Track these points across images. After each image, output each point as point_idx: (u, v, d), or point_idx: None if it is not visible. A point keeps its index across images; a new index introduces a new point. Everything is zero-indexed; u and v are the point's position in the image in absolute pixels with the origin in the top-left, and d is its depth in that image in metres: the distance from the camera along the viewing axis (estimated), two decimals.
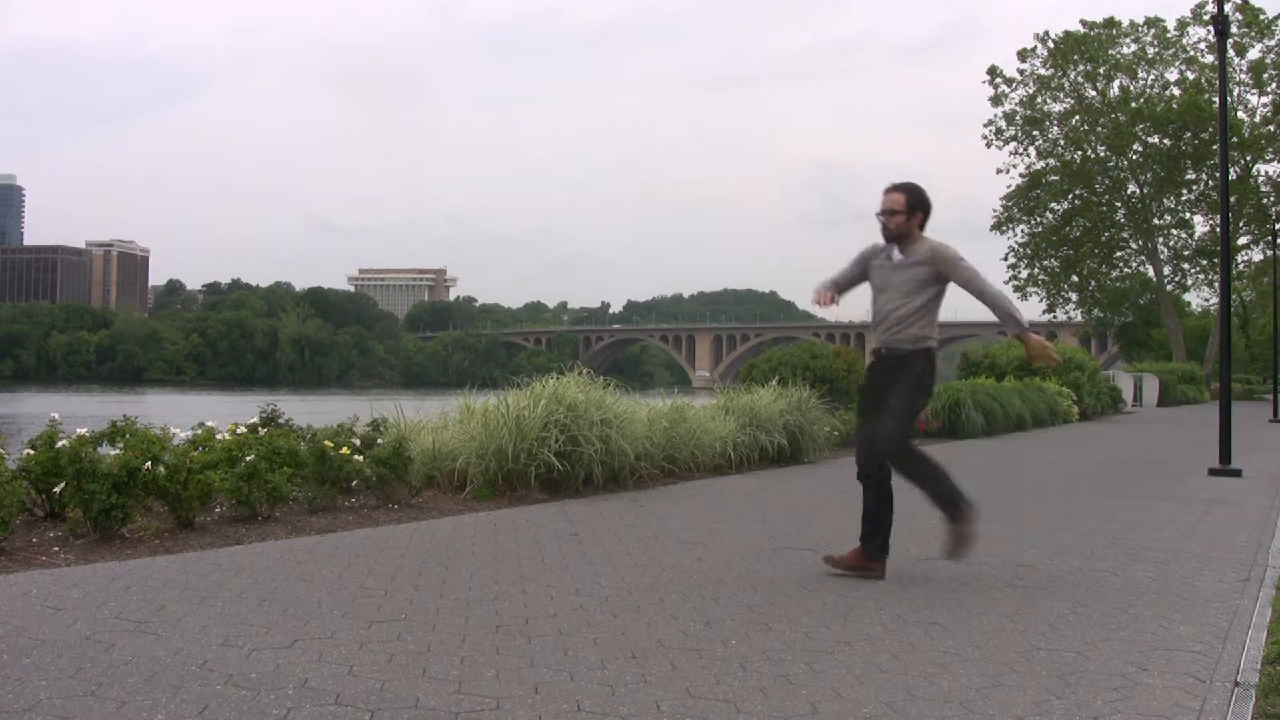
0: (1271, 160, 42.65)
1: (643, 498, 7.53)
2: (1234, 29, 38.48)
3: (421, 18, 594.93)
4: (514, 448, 7.30)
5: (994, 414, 16.49)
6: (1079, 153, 45.26)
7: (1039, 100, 45.39)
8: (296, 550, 5.16)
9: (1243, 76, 41.86)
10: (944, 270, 4.75)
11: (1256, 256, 45.10)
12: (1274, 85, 41.75)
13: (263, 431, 6.74)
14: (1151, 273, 47.17)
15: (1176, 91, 43.24)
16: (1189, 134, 42.05)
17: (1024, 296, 47.81)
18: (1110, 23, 44.00)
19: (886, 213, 4.81)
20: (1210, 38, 38.67)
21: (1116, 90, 44.55)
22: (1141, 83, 44.53)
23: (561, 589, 4.32)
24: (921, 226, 4.84)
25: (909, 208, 4.79)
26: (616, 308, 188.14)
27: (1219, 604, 4.30)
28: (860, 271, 4.99)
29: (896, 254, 4.82)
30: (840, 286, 5.05)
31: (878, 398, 4.79)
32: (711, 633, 3.66)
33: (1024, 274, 47.12)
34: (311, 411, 12.23)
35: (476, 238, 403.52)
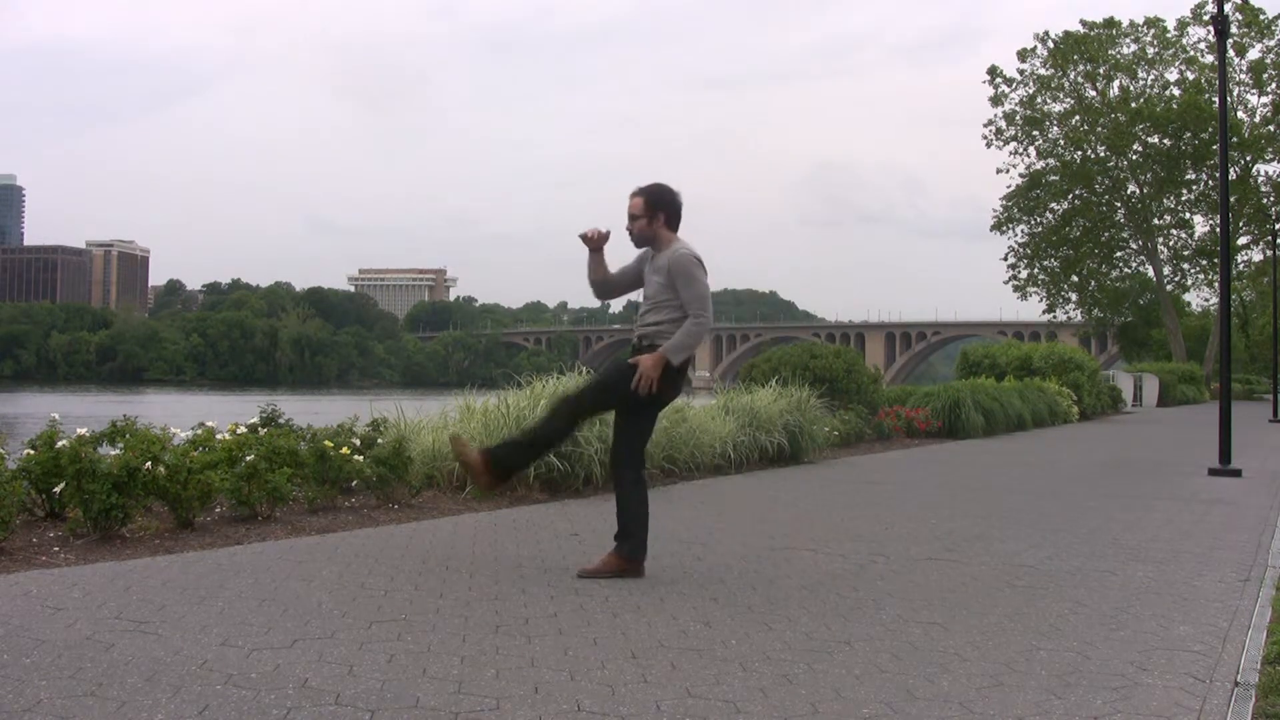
0: (1271, 160, 42.73)
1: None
2: (1234, 29, 38.50)
3: (422, 18, 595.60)
4: None
5: (994, 414, 16.49)
6: (1079, 153, 45.28)
7: (1039, 100, 45.43)
8: (296, 550, 5.16)
9: (1243, 76, 41.90)
10: (675, 282, 4.59)
11: (1256, 256, 45.15)
12: (1274, 85, 41.82)
13: (263, 431, 6.74)
14: (1151, 273, 47.18)
15: (1176, 92, 43.27)
16: (1189, 134, 42.06)
17: (1024, 296, 47.99)
18: (1110, 23, 44.02)
19: (629, 218, 4.71)
20: (1210, 38, 38.68)
21: (1116, 90, 44.59)
22: (1141, 83, 44.59)
23: (561, 589, 4.32)
24: (670, 227, 4.71)
25: (648, 210, 4.69)
26: (616, 308, 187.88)
27: (1219, 604, 4.30)
28: (637, 269, 4.88)
29: (652, 256, 4.75)
30: (622, 280, 4.90)
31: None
32: (711, 633, 3.66)
33: (1024, 274, 47.19)
34: (311, 411, 12.24)
35: (476, 238, 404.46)
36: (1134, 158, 44.57)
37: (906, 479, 9.72)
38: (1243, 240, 43.68)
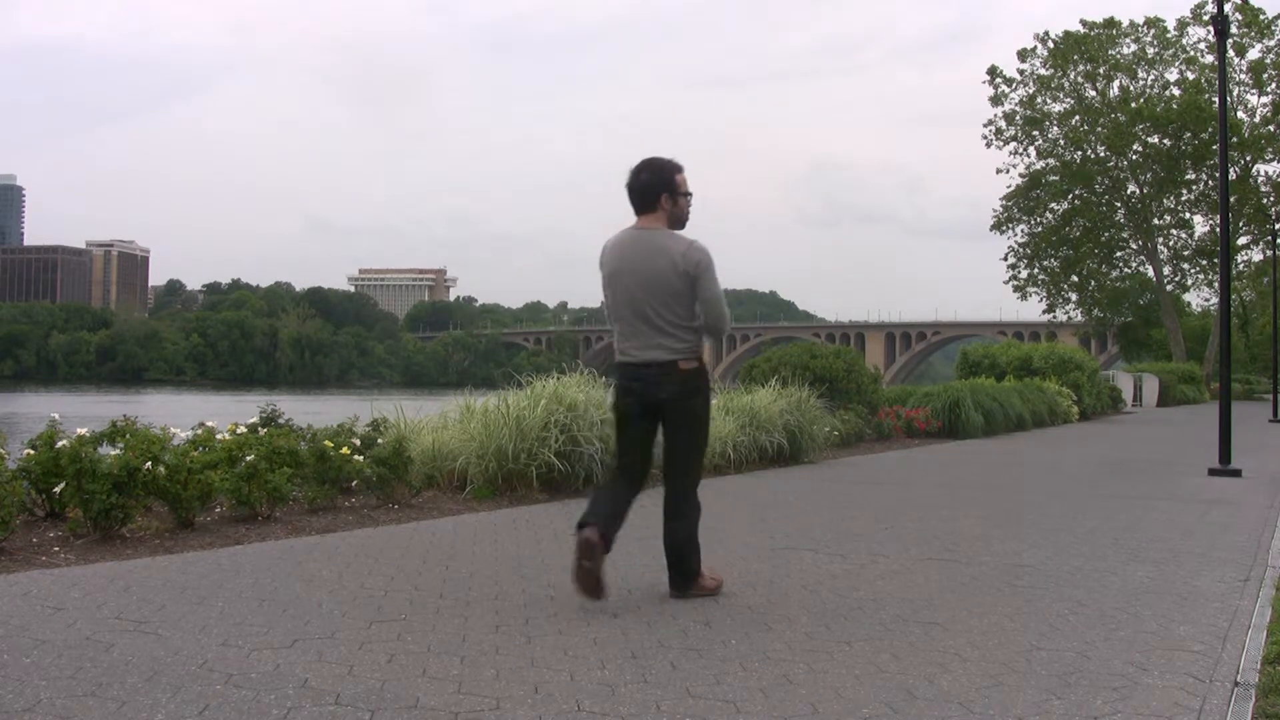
0: (1271, 160, 42.62)
1: (642, 497, 7.49)
2: (1234, 29, 38.46)
3: (422, 16, 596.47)
4: (514, 448, 7.30)
5: (994, 414, 16.48)
6: (1079, 153, 45.21)
7: (1039, 100, 45.35)
8: (296, 550, 5.16)
9: (1243, 76, 41.84)
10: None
11: (1256, 256, 45.11)
12: (1274, 85, 41.71)
13: (263, 431, 6.74)
14: (1151, 273, 47.15)
15: (1176, 92, 43.19)
16: (1189, 134, 42.01)
17: (1024, 296, 47.92)
18: (1110, 23, 43.96)
19: (689, 196, 4.27)
20: (1210, 38, 38.66)
21: (1116, 90, 44.52)
22: (1141, 83, 44.51)
23: (561, 589, 4.32)
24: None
25: None
26: None
27: (1219, 604, 4.30)
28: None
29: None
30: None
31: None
32: (711, 633, 3.66)
33: (1024, 274, 47.10)
34: (311, 411, 12.23)
35: (476, 238, 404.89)
36: (1134, 158, 44.50)
37: (906, 479, 9.72)
38: (1243, 240, 43.63)
